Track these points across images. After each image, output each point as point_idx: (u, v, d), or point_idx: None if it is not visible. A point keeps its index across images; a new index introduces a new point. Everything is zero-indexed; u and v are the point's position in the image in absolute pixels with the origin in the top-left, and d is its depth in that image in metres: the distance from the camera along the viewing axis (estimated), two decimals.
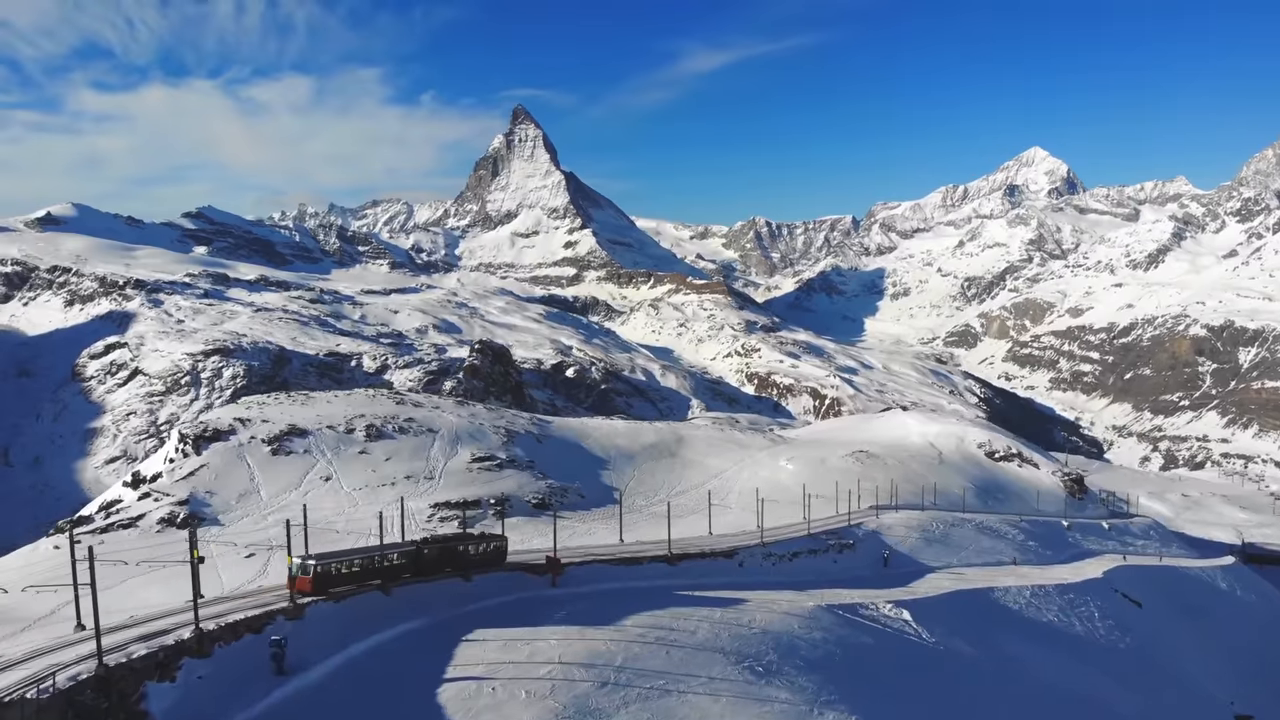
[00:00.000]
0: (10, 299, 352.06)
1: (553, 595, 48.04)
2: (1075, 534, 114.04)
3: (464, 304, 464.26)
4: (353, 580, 43.12)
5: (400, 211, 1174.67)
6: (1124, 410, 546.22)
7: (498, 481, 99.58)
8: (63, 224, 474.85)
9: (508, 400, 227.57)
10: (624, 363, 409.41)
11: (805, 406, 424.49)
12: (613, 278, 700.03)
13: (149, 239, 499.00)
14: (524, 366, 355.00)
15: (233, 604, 40.11)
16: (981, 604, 66.51)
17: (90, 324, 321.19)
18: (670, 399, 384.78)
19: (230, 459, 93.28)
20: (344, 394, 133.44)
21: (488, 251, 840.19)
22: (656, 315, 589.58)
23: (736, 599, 51.53)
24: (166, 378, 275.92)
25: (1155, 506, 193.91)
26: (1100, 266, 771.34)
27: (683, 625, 43.75)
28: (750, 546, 67.26)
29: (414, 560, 46.86)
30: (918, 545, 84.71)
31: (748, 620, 47.00)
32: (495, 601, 45.43)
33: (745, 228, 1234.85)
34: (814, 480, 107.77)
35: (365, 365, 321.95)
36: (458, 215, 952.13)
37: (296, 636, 35.14)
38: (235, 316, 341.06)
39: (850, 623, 52.29)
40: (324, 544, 59.64)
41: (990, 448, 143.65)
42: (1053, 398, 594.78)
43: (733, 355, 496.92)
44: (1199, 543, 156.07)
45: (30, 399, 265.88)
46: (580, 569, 53.16)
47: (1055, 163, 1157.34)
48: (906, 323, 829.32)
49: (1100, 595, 77.33)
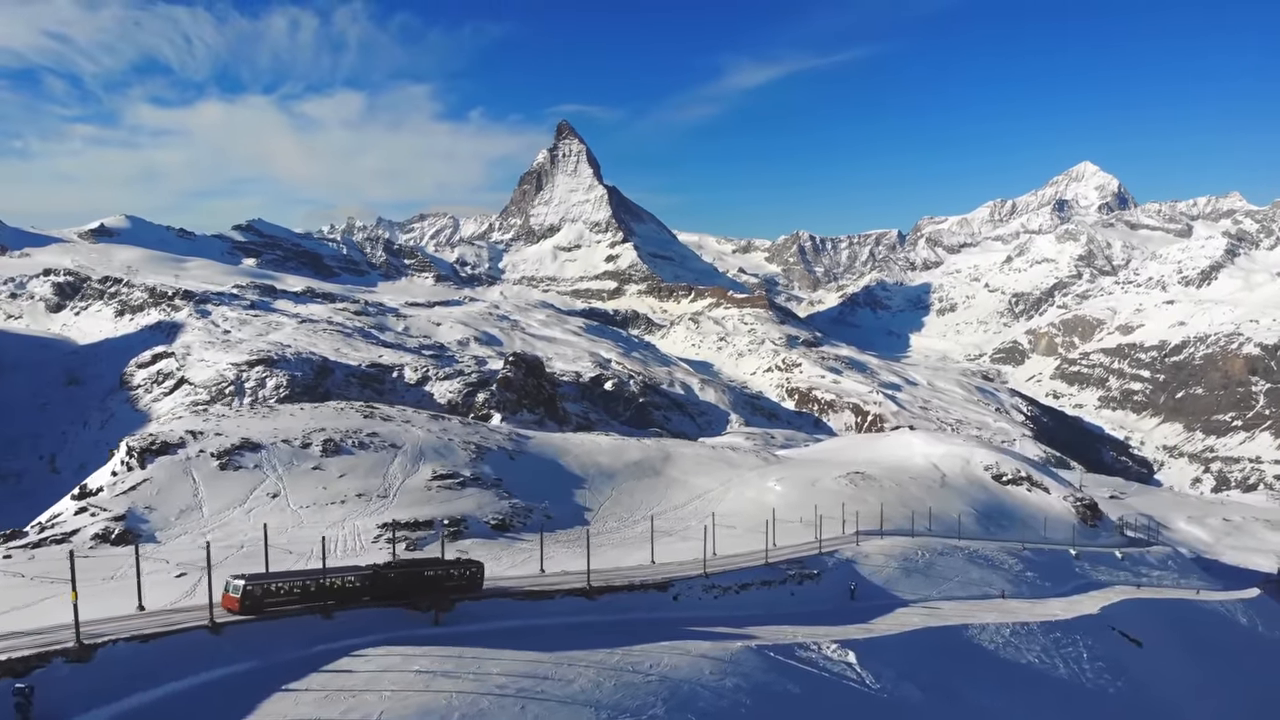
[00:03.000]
0: (62, 308, 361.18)
1: (430, 635, 42.58)
2: (1083, 564, 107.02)
3: (505, 316, 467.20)
4: (294, 602, 41.11)
5: (446, 225, 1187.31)
6: (1175, 430, 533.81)
7: (457, 501, 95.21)
8: (115, 235, 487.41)
9: (540, 413, 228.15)
10: (663, 376, 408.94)
11: (847, 423, 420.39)
12: (653, 291, 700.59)
13: (199, 251, 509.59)
14: (562, 379, 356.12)
15: (126, 623, 37.64)
16: (951, 643, 59.94)
17: (139, 334, 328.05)
18: (709, 413, 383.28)
19: (176, 473, 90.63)
20: (311, 407, 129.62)
21: (530, 265, 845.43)
22: (697, 329, 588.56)
23: (649, 638, 45.75)
24: (211, 387, 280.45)
25: (1194, 531, 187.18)
26: (1151, 283, 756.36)
27: (562, 673, 38.07)
28: (691, 578, 61.34)
29: (373, 584, 44.75)
30: (894, 576, 78.23)
31: (649, 665, 41.06)
32: (362, 640, 39.57)
33: (788, 241, 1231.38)
34: (802, 502, 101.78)
35: (407, 377, 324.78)
36: (502, 229, 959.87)
37: (72, 682, 31.23)
38: (280, 327, 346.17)
39: (779, 667, 46.04)
40: (259, 564, 57.87)
41: (998, 470, 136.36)
42: (1102, 416, 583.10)
43: (773, 370, 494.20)
44: (1233, 571, 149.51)
45: (79, 407, 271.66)
46: (476, 604, 47.84)
47: (1106, 177, 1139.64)
48: (953, 339, 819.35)
49: (1093, 633, 70.01)
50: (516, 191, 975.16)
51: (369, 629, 41.25)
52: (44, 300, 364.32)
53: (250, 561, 63.99)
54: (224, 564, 66.68)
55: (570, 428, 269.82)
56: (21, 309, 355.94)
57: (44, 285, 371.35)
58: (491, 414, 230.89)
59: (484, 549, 75.20)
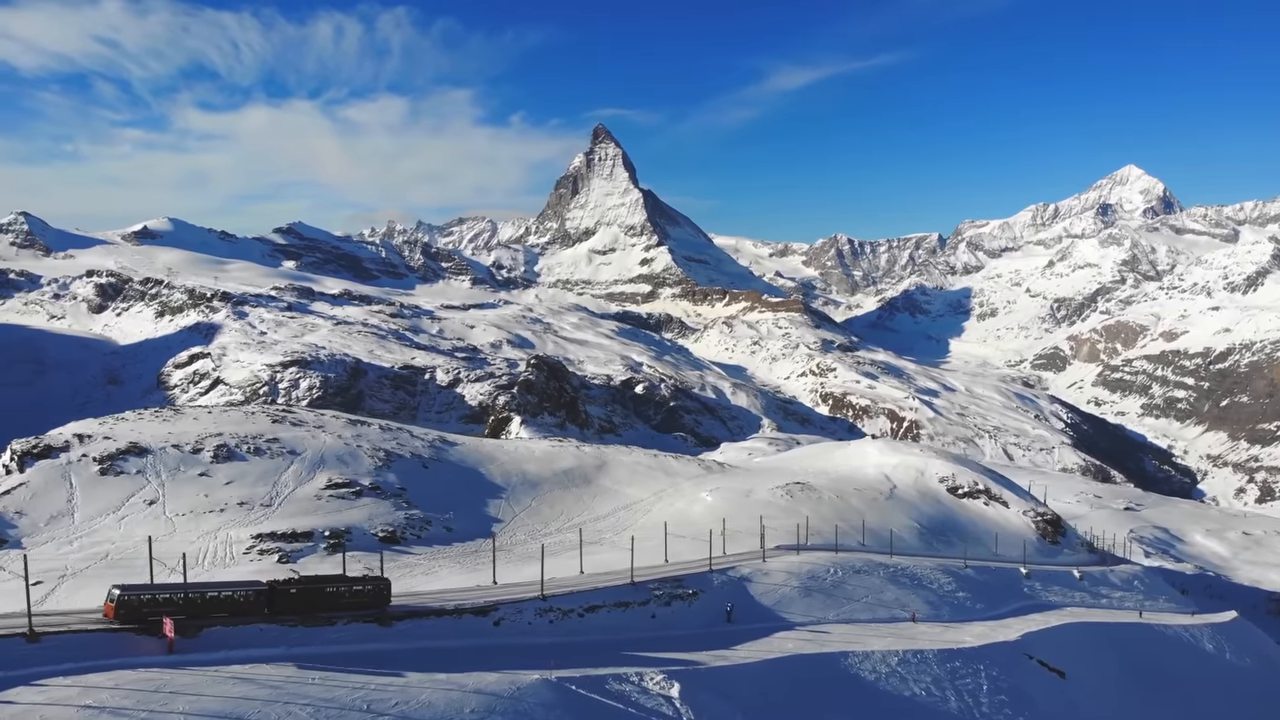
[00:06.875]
0: (104, 309, 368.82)
1: (156, 662, 37.12)
2: (1034, 583, 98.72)
3: (538, 319, 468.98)
4: (178, 613, 40.68)
5: (484, 229, 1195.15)
6: (1219, 439, 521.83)
7: (347, 511, 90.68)
8: (158, 238, 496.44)
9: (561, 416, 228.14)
10: (694, 380, 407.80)
11: (882, 429, 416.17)
12: (687, 295, 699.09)
13: (240, 253, 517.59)
14: (593, 382, 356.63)
15: None
16: (820, 673, 53.71)
17: (178, 334, 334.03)
18: (740, 417, 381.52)
19: (53, 478, 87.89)
20: (220, 410, 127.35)
21: (565, 268, 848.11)
22: (730, 333, 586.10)
23: (439, 669, 40.66)
24: (246, 388, 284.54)
25: (1210, 545, 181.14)
26: (1196, 289, 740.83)
27: (269, 713, 32.61)
28: (524, 600, 55.35)
29: (271, 600, 43.84)
30: (789, 596, 70.91)
31: (394, 703, 35.21)
32: (62, 668, 35.14)
33: (826, 245, 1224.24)
34: (733, 514, 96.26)
35: (439, 379, 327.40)
36: (538, 233, 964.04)
37: None
38: (316, 329, 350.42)
39: (576, 704, 40.01)
40: (125, 574, 57.03)
41: (953, 482, 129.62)
42: (1144, 424, 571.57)
43: (807, 374, 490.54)
44: (1239, 590, 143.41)
45: (117, 406, 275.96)
46: (232, 630, 42.25)
47: (1151, 181, 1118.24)
48: (993, 344, 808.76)
49: (1003, 663, 63.20)
50: (553, 195, 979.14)
51: (88, 655, 37.08)
52: (86, 301, 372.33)
53: (115, 571, 62.98)
54: (84, 573, 66.19)
55: (592, 431, 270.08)
56: (64, 309, 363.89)
57: (87, 286, 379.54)
58: (511, 417, 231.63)
59: (365, 563, 69.66)
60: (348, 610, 46.30)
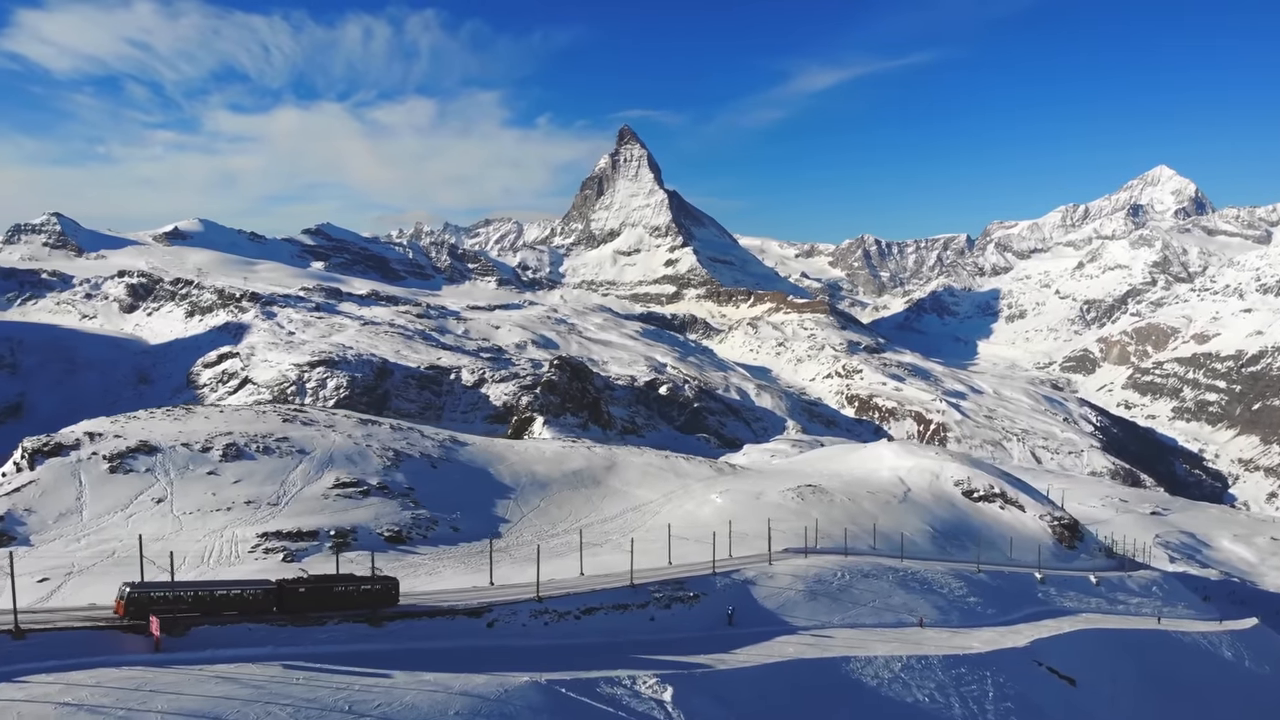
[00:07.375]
0: (135, 309, 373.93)
1: (140, 660, 36.94)
2: (1048, 589, 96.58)
3: (563, 320, 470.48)
4: (186, 611, 41.23)
5: (510, 230, 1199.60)
6: (1251, 443, 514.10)
7: (354, 510, 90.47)
8: (189, 239, 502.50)
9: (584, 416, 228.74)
10: (719, 381, 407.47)
11: (909, 431, 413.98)
12: (712, 296, 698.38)
13: (269, 254, 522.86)
14: (617, 383, 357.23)
15: None
16: (821, 679, 52.50)
17: (207, 334, 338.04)
18: (765, 419, 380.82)
19: (63, 476, 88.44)
20: (232, 409, 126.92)
21: (590, 269, 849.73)
22: (755, 334, 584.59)
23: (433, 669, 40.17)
24: (274, 387, 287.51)
25: (1238, 550, 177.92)
26: (1228, 291, 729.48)
27: (248, 713, 32.48)
28: (519, 601, 54.41)
29: (280, 598, 44.26)
30: (795, 600, 69.35)
31: (377, 704, 34.68)
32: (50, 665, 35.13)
33: (853, 246, 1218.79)
34: (743, 516, 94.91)
35: (464, 379, 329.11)
36: (564, 234, 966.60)
37: None
38: (343, 329, 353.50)
39: (566, 707, 39.34)
40: (132, 571, 56.40)
41: (969, 486, 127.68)
42: (1175, 428, 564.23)
43: (833, 376, 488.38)
44: (1266, 596, 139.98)
45: (146, 406, 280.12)
46: (219, 630, 42.23)
47: (1183, 182, 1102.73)
48: (1022, 346, 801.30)
49: (1011, 669, 61.56)
50: (578, 196, 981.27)
51: (73, 652, 36.97)
52: (118, 301, 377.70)
53: (122, 568, 63.19)
54: (91, 570, 66.26)
55: (615, 432, 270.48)
56: (96, 309, 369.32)
57: (118, 286, 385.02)
58: (534, 417, 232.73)
59: (365, 564, 68.73)
60: (353, 609, 46.63)
